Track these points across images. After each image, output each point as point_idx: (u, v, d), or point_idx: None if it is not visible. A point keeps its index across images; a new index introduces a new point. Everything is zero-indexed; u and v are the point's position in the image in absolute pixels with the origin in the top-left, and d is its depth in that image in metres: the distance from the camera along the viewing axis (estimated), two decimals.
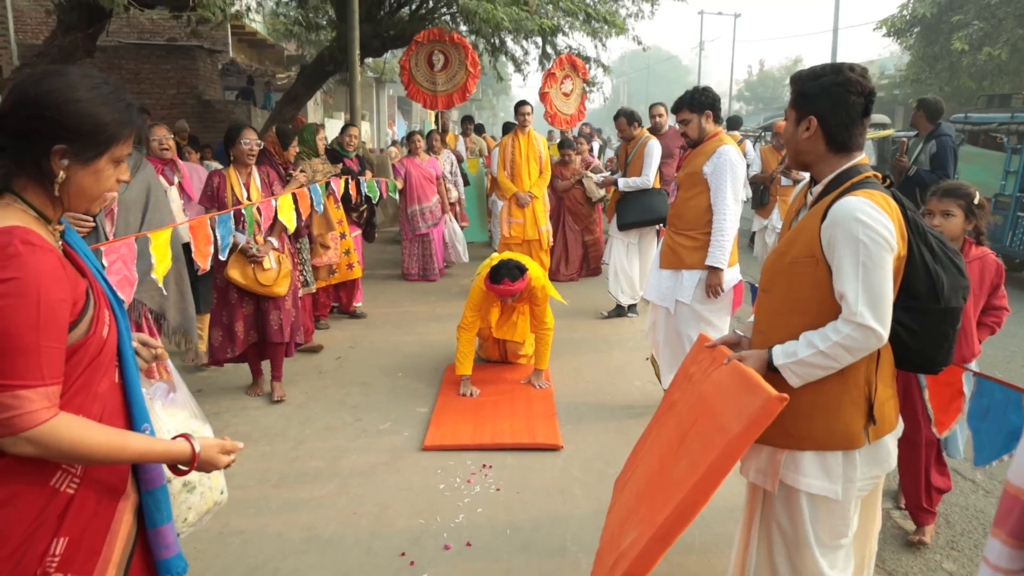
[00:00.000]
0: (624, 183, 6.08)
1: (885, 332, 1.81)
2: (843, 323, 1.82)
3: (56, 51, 7.56)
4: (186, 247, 3.91)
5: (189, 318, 4.03)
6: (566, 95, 9.09)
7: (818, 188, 1.97)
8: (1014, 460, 1.06)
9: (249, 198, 4.27)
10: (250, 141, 4.26)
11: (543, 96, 8.83)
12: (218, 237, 3.71)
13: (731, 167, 3.76)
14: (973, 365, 2.94)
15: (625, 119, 6.27)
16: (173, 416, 1.73)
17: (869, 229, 1.78)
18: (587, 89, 9.43)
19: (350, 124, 6.78)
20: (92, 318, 1.37)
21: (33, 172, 1.32)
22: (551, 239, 7.34)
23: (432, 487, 3.40)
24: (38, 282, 1.24)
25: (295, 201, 4.44)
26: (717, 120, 3.88)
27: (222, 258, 3.80)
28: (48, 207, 1.35)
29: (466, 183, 9.19)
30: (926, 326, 1.92)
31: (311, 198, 4.73)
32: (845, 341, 1.81)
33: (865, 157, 1.98)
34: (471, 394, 4.41)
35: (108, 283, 1.49)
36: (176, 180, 4.76)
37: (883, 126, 11.42)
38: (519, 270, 4.36)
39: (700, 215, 3.87)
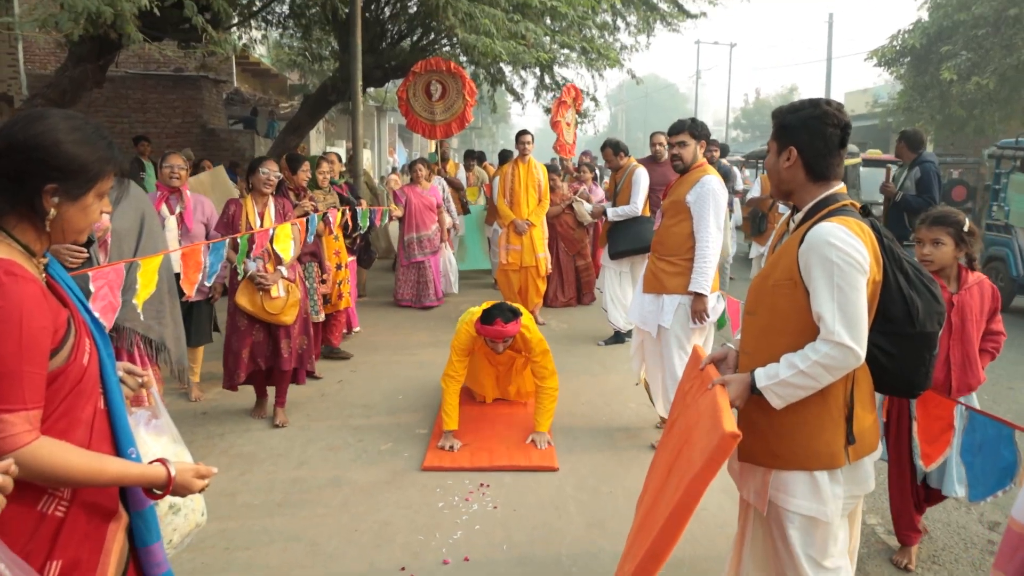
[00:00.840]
0: (613, 212, 6.21)
1: (862, 351, 1.89)
2: (821, 343, 1.90)
3: (67, 82, 7.77)
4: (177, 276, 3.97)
5: (183, 349, 4.08)
6: (568, 125, 9.29)
7: (799, 216, 2.09)
8: (1019, 497, 1.00)
9: (262, 227, 4.39)
10: (268, 172, 4.42)
11: (555, 125, 8.96)
12: (207, 264, 3.75)
13: (713, 196, 3.90)
14: (975, 394, 2.99)
15: (611, 149, 6.42)
16: (157, 441, 1.81)
17: (841, 252, 1.87)
18: (579, 120, 9.64)
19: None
20: (73, 346, 1.42)
21: (22, 210, 1.39)
22: (549, 266, 7.44)
23: (431, 505, 3.51)
24: (20, 310, 1.29)
25: (293, 231, 4.50)
26: (705, 153, 4.05)
27: (207, 284, 3.84)
28: (34, 242, 1.42)
29: (466, 211, 9.33)
30: (903, 350, 2.00)
31: (307, 228, 4.80)
32: (824, 360, 1.88)
33: (844, 187, 2.09)
34: (451, 447, 4.07)
35: (91, 313, 1.57)
36: (178, 210, 4.82)
37: (852, 155, 11.56)
38: (512, 313, 4.16)
39: (682, 242, 4.00)
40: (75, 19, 4.00)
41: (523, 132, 7.28)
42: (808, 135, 2.01)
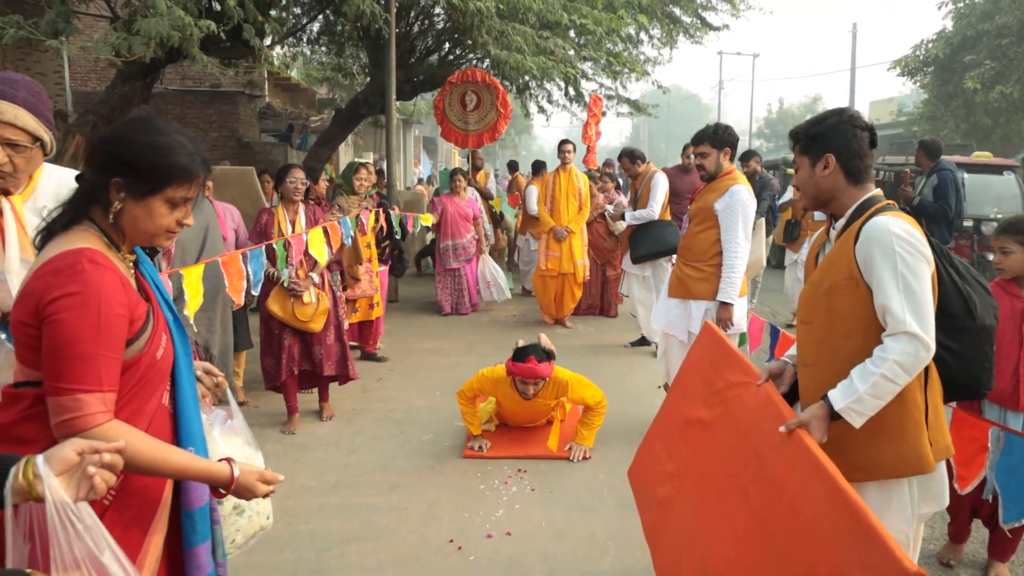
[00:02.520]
0: (631, 216, 6.40)
1: (932, 342, 1.86)
2: (891, 340, 1.86)
3: (117, 99, 8.21)
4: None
5: (227, 352, 4.24)
6: (597, 134, 9.51)
7: (841, 221, 2.09)
8: None
9: (294, 234, 4.45)
10: (296, 180, 4.53)
11: (587, 138, 9.22)
12: (250, 272, 3.81)
13: (742, 207, 3.98)
14: None
15: (627, 158, 6.60)
16: (229, 442, 1.86)
17: (904, 241, 1.87)
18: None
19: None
20: (148, 338, 1.48)
21: (102, 202, 1.47)
22: (587, 274, 7.61)
23: (473, 487, 3.78)
24: (99, 296, 1.36)
25: (326, 234, 4.57)
26: (733, 159, 4.16)
27: (254, 292, 3.95)
28: (116, 235, 1.49)
29: (495, 221, 9.55)
30: (965, 345, 1.98)
31: (341, 231, 4.86)
32: (899, 357, 1.83)
33: (880, 190, 2.09)
34: (481, 448, 4.18)
35: (174, 312, 1.65)
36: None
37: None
38: (547, 354, 4.11)
39: (707, 248, 4.09)
40: (147, 43, 4.37)
41: (565, 141, 7.47)
42: (843, 139, 2.04)
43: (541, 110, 12.59)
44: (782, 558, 1.81)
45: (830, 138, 2.06)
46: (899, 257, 1.87)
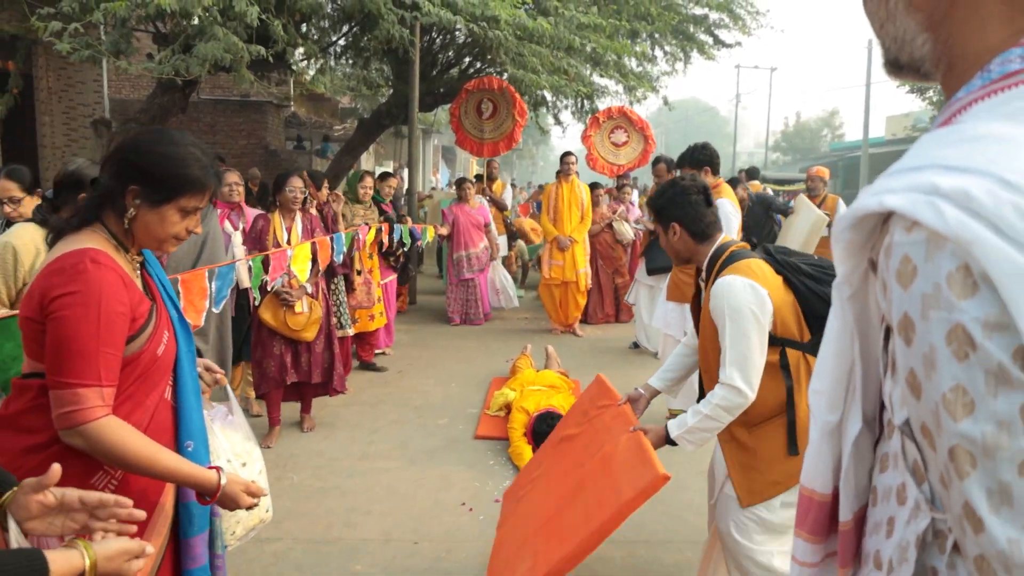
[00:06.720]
0: None
1: (752, 393, 2.14)
2: (719, 387, 2.18)
3: (156, 108, 8.80)
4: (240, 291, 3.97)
5: (225, 362, 4.17)
6: (616, 145, 9.47)
7: (704, 274, 2.39)
8: (804, 465, 1.09)
9: (288, 242, 4.45)
10: (295, 189, 4.46)
11: (584, 139, 9.28)
12: (213, 290, 3.50)
13: (725, 217, 4.29)
14: None
15: (665, 165, 6.81)
16: (229, 437, 1.94)
17: (734, 301, 2.16)
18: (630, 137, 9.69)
19: (390, 174, 7.17)
20: (149, 335, 1.54)
21: (116, 207, 1.54)
22: (589, 282, 7.89)
23: (483, 462, 4.25)
24: (100, 294, 1.41)
25: (313, 251, 4.45)
26: (715, 174, 4.55)
27: (215, 310, 3.61)
28: (125, 238, 1.56)
29: (509, 232, 9.85)
30: None
31: (332, 247, 4.79)
32: (722, 402, 2.16)
33: (727, 236, 2.39)
34: None
35: (179, 311, 1.73)
36: (241, 225, 4.94)
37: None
38: None
39: None
40: (202, 64, 4.91)
41: (567, 153, 7.81)
42: (679, 209, 2.34)
43: (558, 122, 13.08)
44: (583, 500, 2.30)
45: (670, 210, 2.37)
46: (728, 318, 2.16)
